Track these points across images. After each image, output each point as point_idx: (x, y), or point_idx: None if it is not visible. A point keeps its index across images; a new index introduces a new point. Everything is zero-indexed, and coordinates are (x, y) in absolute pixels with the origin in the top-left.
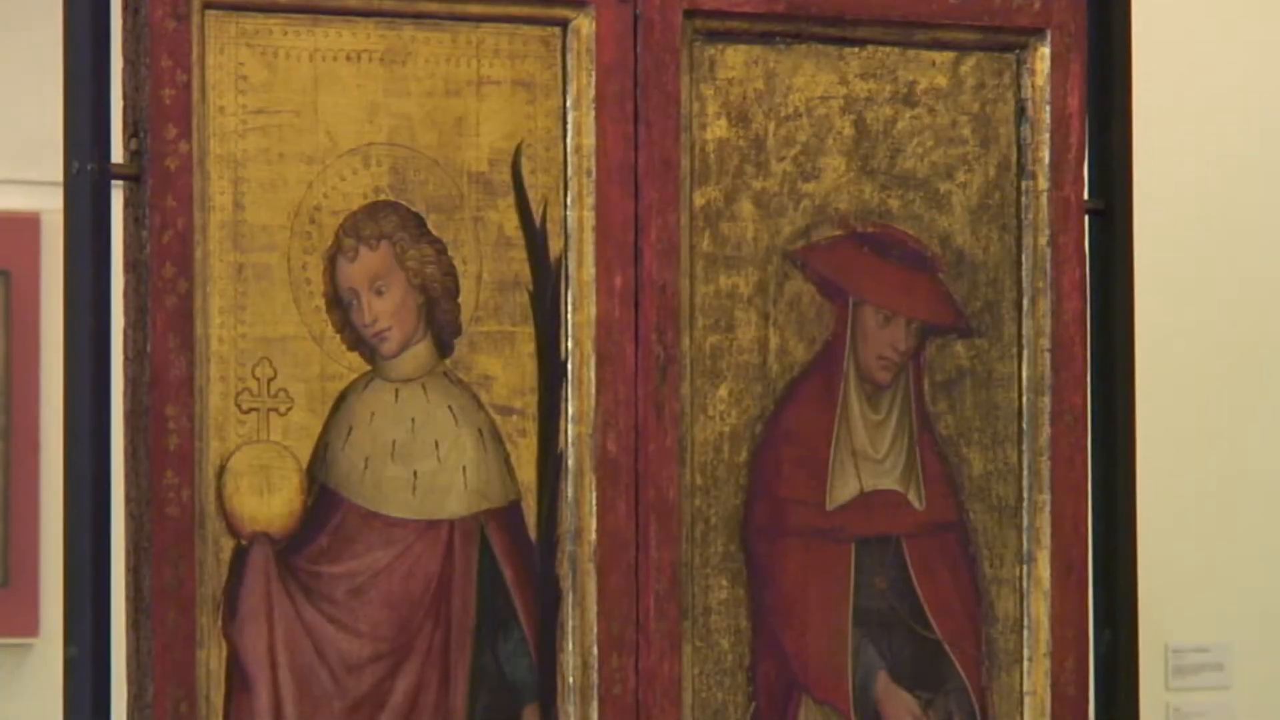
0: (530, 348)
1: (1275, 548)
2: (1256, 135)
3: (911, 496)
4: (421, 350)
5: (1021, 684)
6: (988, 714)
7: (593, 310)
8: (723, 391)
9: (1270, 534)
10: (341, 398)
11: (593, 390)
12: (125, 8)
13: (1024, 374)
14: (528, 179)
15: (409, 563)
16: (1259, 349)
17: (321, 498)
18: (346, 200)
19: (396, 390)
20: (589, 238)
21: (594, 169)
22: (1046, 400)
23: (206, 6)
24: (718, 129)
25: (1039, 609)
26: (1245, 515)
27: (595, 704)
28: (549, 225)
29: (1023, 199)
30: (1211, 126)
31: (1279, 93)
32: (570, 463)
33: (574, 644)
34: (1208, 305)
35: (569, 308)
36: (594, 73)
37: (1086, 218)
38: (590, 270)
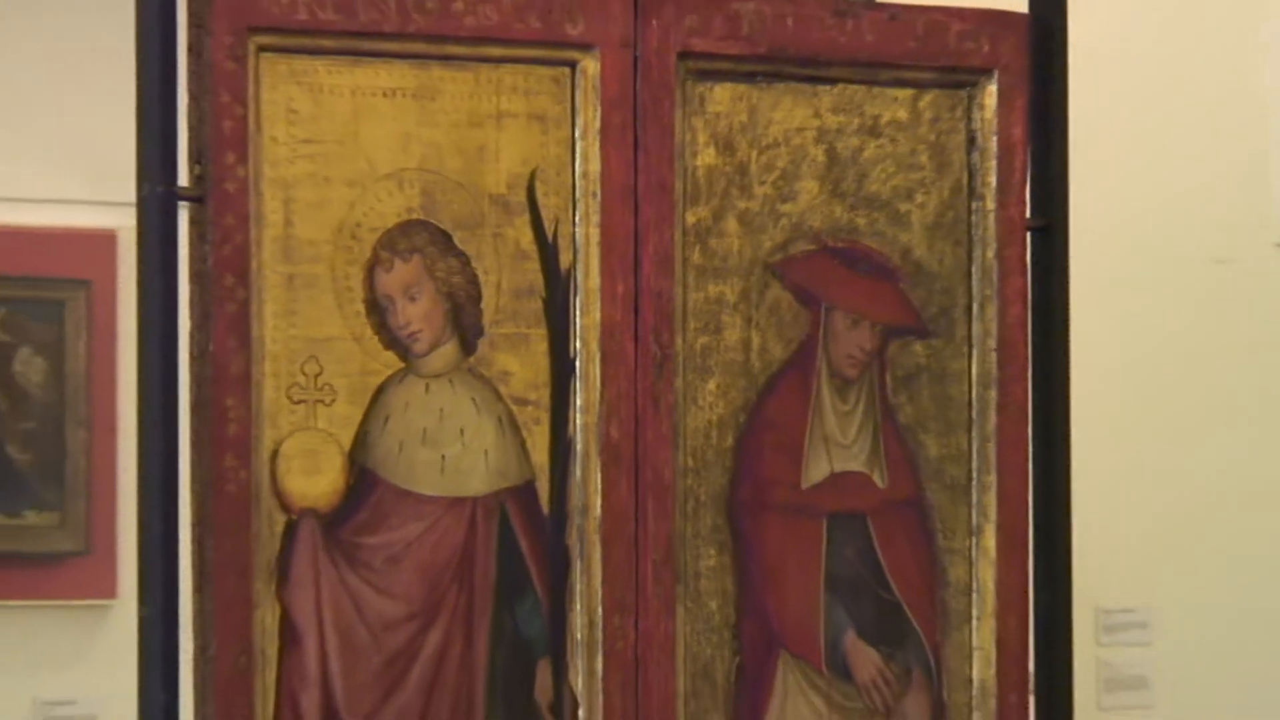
0: (543, 347)
1: (1190, 523)
2: (1179, 159)
3: (876, 477)
4: (448, 349)
5: (971, 640)
6: (941, 666)
7: (598, 314)
8: (711, 385)
9: (1186, 511)
10: (379, 391)
11: (598, 384)
12: (190, 50)
13: (973, 370)
14: (541, 200)
15: (437, 535)
16: (1179, 345)
17: (361, 478)
18: (383, 218)
19: (427, 384)
20: (595, 251)
21: (599, 191)
22: (993, 393)
23: (260, 49)
24: (707, 156)
25: (986, 575)
26: (1165, 494)
27: (600, 658)
28: (559, 240)
29: (973, 217)
30: (1139, 152)
31: (1196, 122)
32: (578, 447)
33: (581, 605)
34: (1135, 310)
35: (577, 312)
36: (599, 107)
37: (1028, 234)
38: (596, 279)
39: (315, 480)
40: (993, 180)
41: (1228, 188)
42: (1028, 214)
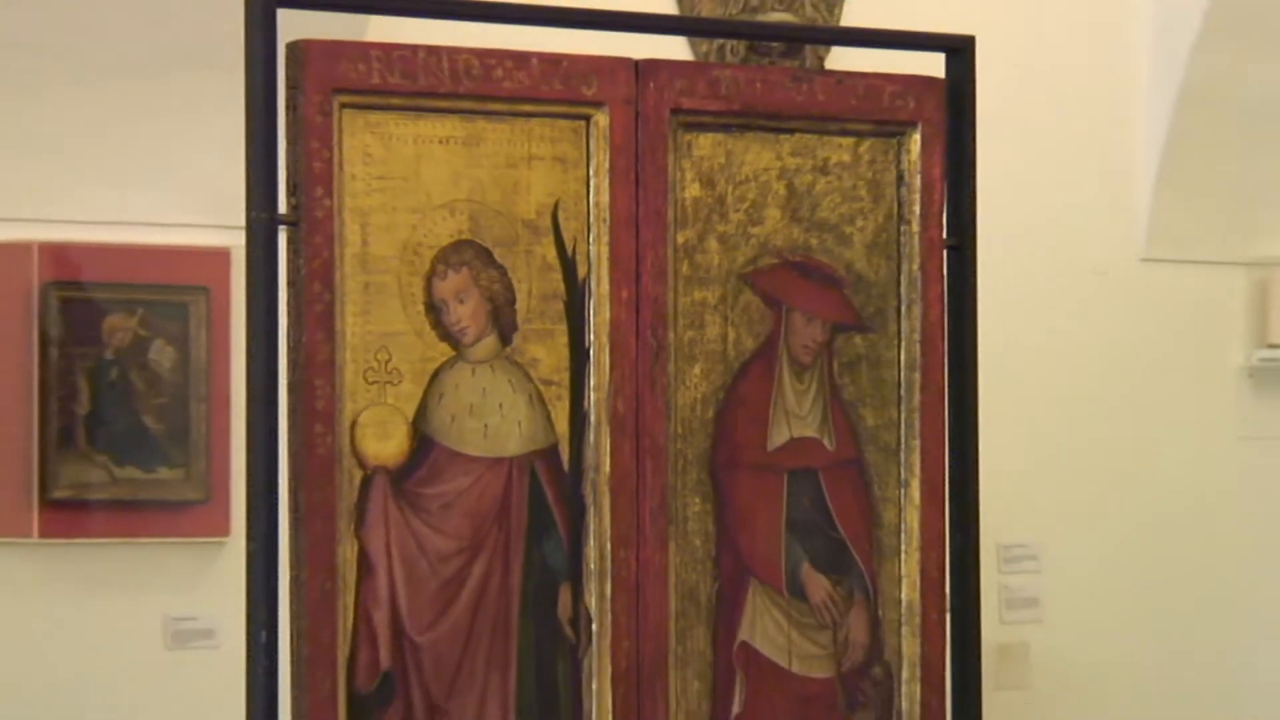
0: (564, 340)
1: (1071, 478)
2: (1065, 190)
3: (825, 441)
4: (490, 341)
5: (900, 569)
6: (877, 590)
7: (608, 314)
8: (696, 370)
9: (1067, 469)
10: (435, 374)
11: (607, 369)
12: (288, 106)
13: (902, 358)
14: (563, 224)
15: (481, 487)
16: (1063, 337)
17: (421, 442)
18: (438, 239)
19: (473, 369)
20: (605, 265)
21: (608, 218)
22: (917, 376)
23: (343, 106)
24: (693, 190)
25: (912, 518)
26: (1051, 456)
27: (609, 583)
28: (577, 256)
29: (901, 238)
30: (1032, 183)
31: (1077, 160)
32: (591, 419)
33: (594, 542)
34: (1029, 310)
35: (591, 312)
36: (608, 152)
37: (945, 251)
38: (606, 287)
39: (385, 444)
40: (917, 209)
41: (1104, 213)
42: (944, 235)
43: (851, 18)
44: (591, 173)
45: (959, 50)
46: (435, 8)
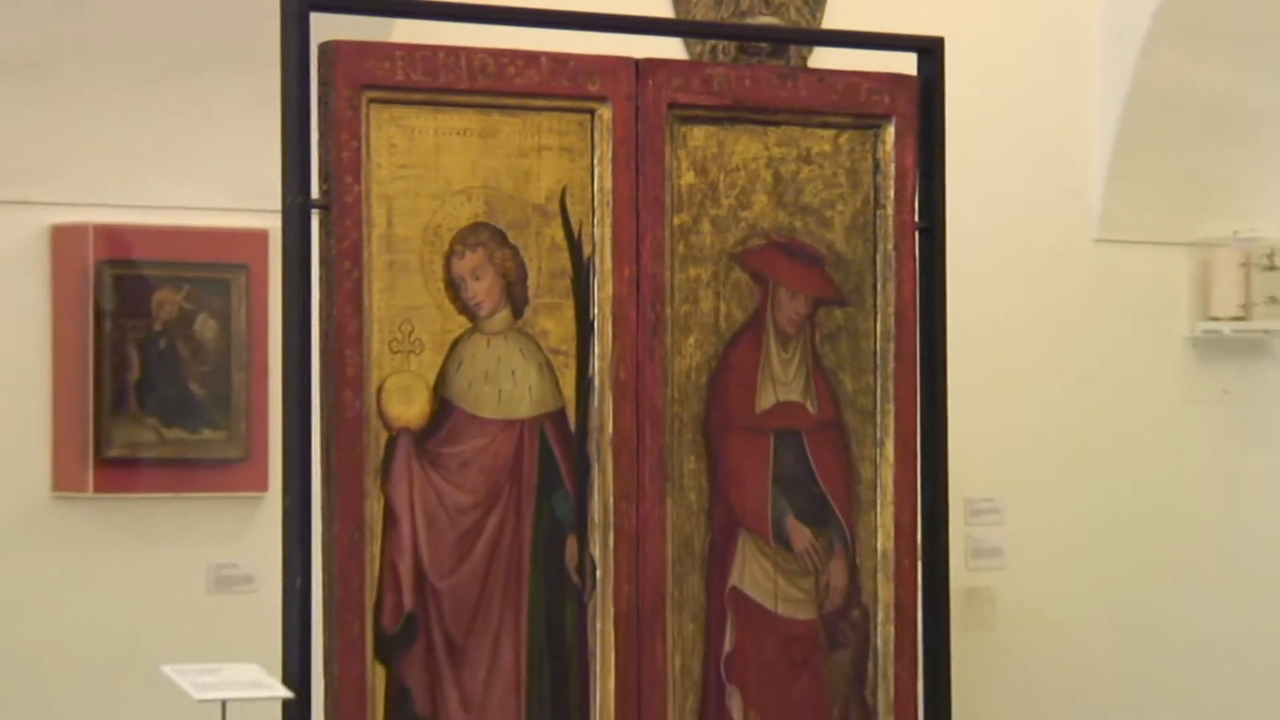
0: (571, 313)
1: (1031, 438)
2: (1027, 178)
3: (808, 405)
4: (503, 315)
5: (876, 521)
6: (855, 541)
7: (610, 290)
8: (691, 341)
9: (1028, 429)
10: (454, 344)
11: (609, 339)
12: (320, 101)
13: (878, 329)
14: (570, 209)
15: (496, 446)
16: (1024, 311)
17: (441, 406)
18: (457, 221)
19: (488, 339)
20: (608, 245)
21: (611, 202)
22: (891, 346)
23: (370, 101)
24: (688, 177)
25: (886, 475)
26: (1014, 417)
27: (611, 534)
28: (583, 238)
29: (877, 221)
30: (995, 170)
31: (1037, 150)
32: (596, 384)
33: (598, 496)
34: (993, 286)
35: (595, 288)
36: (611, 142)
37: (917, 233)
38: (609, 265)
39: (409, 407)
40: (891, 195)
41: (1061, 198)
42: (916, 219)
43: (832, 20)
44: (596, 162)
45: (929, 51)
46: (454, 12)
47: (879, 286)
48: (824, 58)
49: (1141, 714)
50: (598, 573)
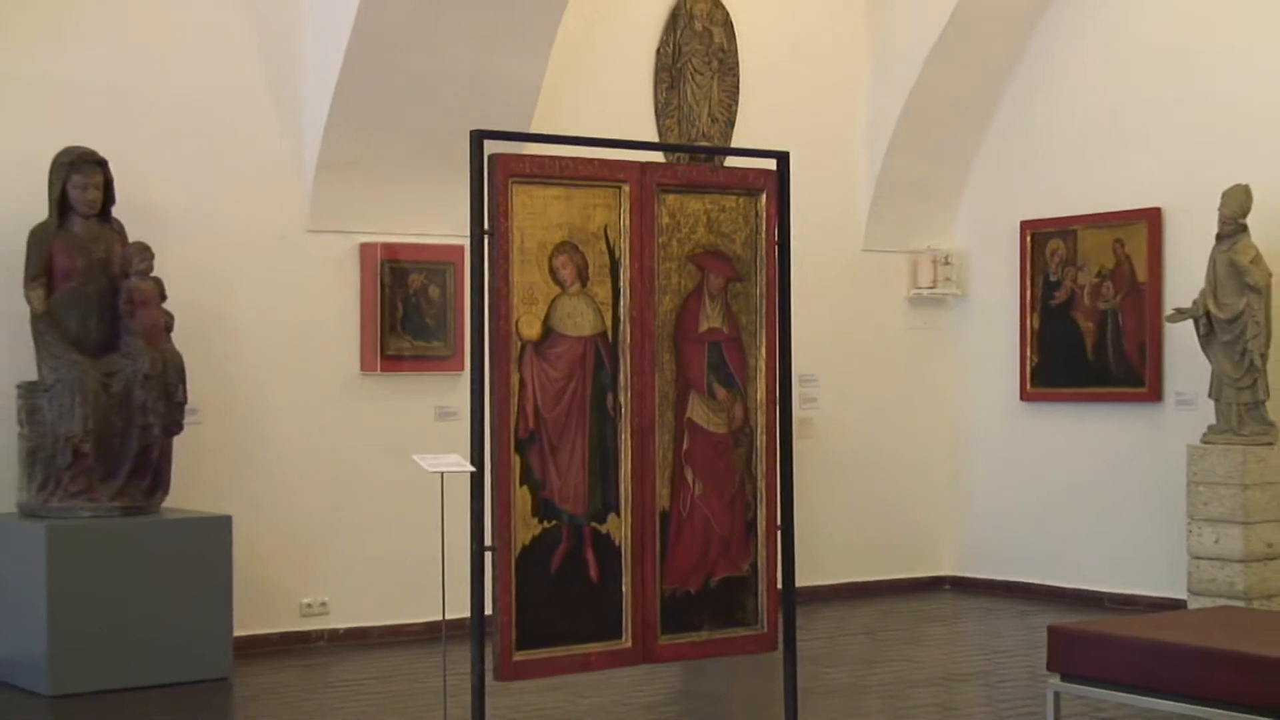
0: (609, 285)
1: (834, 352)
2: (816, 213)
3: (724, 328)
4: (576, 285)
5: (757, 385)
6: (746, 395)
7: (628, 274)
8: (667, 299)
9: (831, 346)
10: (553, 299)
11: (628, 297)
12: (488, 180)
13: (758, 291)
14: (611, 239)
15: (572, 349)
16: (835, 303)
17: (547, 330)
18: (553, 239)
19: (569, 297)
20: (628, 252)
21: (628, 232)
22: (763, 300)
23: (512, 181)
24: (664, 219)
25: (760, 362)
26: (825, 340)
27: (629, 392)
28: (615, 249)
29: (758, 241)
30: (805, 212)
31: (830, 200)
32: (622, 319)
33: (622, 375)
34: (808, 280)
35: (623, 279)
36: (629, 202)
37: (776, 247)
38: (628, 260)
39: (530, 330)
40: (764, 227)
41: (841, 222)
42: (776, 238)
43: (739, 140)
44: (622, 212)
45: (782, 157)
46: (552, 139)
47: (758, 272)
48: (732, 160)
49: (891, 475)
50: (622, 410)
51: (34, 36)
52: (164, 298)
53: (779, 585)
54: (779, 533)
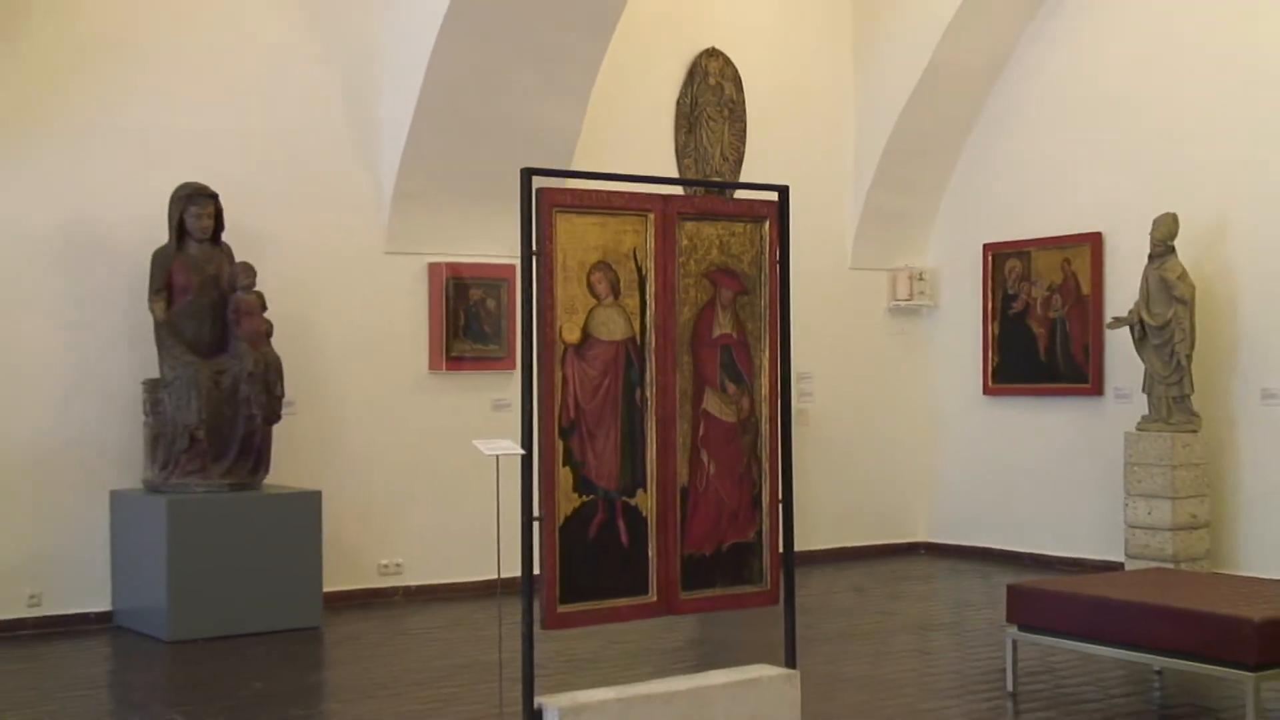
0: (638, 297)
1: (826, 349)
2: (813, 236)
3: (733, 334)
4: (610, 299)
5: (762, 381)
6: (754, 389)
7: (653, 288)
8: (686, 309)
9: (829, 348)
10: (590, 310)
11: (653, 306)
12: (536, 210)
13: (762, 302)
14: (639, 259)
15: (607, 351)
16: (822, 310)
17: (585, 336)
18: (590, 259)
19: (604, 308)
20: (653, 270)
21: (654, 253)
22: (767, 309)
23: (556, 210)
24: (684, 242)
25: (765, 361)
26: (824, 343)
27: (654, 388)
28: (642, 267)
29: (763, 260)
30: (802, 233)
31: (816, 218)
32: (649, 326)
33: (649, 373)
34: (806, 291)
35: (649, 290)
36: (654, 229)
37: (778, 265)
38: (653, 277)
39: (571, 335)
40: (767, 249)
41: (828, 242)
42: (778, 258)
43: (747, 174)
44: (649, 237)
45: (783, 190)
46: (592, 177)
47: (762, 286)
48: (740, 193)
49: (874, 457)
50: (649, 403)
51: (158, 91)
52: (265, 308)
53: (780, 550)
54: (780, 505)
